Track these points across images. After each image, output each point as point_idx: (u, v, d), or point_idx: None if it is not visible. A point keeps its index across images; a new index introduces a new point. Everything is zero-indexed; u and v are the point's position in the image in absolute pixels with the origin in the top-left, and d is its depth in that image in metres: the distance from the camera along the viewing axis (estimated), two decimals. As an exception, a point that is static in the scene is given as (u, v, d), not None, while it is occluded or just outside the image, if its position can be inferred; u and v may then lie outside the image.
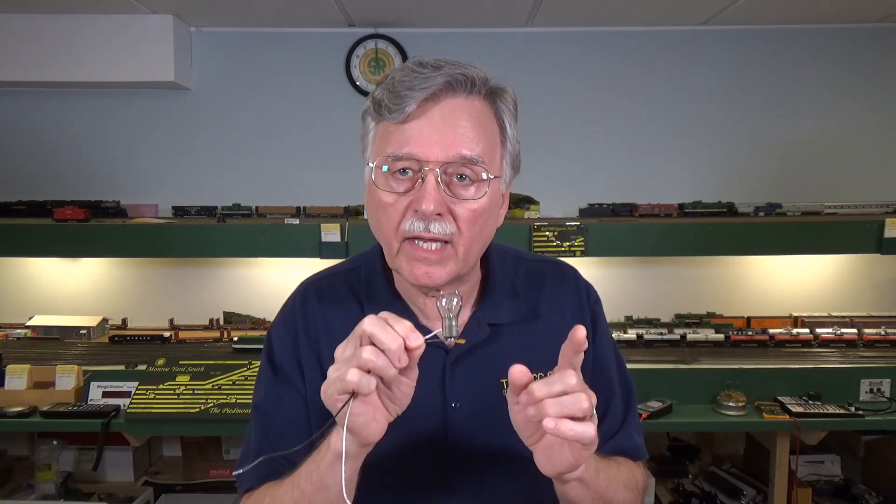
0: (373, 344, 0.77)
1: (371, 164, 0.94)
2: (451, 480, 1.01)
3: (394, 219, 0.92)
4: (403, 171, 0.91)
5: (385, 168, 0.92)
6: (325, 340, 1.04)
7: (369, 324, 0.77)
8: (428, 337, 0.80)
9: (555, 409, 0.76)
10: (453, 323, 0.85)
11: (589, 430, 0.77)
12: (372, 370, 0.76)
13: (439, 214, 0.90)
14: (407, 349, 0.77)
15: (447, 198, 0.91)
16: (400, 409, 0.82)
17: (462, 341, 0.90)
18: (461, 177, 0.91)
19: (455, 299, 0.85)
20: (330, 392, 0.79)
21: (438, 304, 0.86)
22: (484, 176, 0.92)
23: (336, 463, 0.84)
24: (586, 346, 0.80)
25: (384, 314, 0.79)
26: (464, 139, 0.90)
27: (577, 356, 0.80)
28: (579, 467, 0.83)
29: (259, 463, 1.02)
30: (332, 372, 0.80)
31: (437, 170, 0.89)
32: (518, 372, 0.79)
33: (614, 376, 1.11)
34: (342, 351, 0.80)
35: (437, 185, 0.89)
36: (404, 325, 0.78)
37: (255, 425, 1.06)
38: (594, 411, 0.79)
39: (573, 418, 0.76)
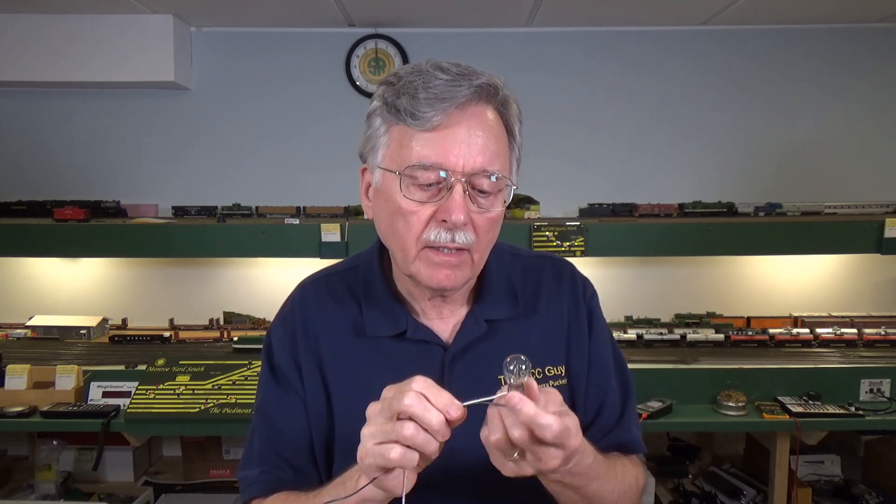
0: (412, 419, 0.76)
1: (391, 171, 0.93)
2: (453, 479, 1.01)
3: (416, 227, 0.92)
4: (428, 183, 0.91)
5: (418, 169, 0.90)
6: (324, 340, 1.04)
7: (410, 404, 0.76)
8: (469, 403, 0.79)
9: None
10: (520, 391, 0.80)
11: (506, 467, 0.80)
12: (413, 447, 0.76)
13: (465, 224, 0.91)
14: (448, 421, 0.77)
15: (471, 208, 0.91)
16: (430, 461, 0.81)
17: None
18: (481, 191, 0.92)
19: (524, 366, 0.79)
20: (369, 463, 0.78)
21: (506, 369, 0.79)
22: (504, 188, 0.94)
23: None
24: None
25: (421, 385, 0.77)
26: (486, 151, 0.91)
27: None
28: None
29: (265, 470, 1.03)
30: (368, 437, 0.78)
31: (463, 180, 0.90)
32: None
33: (611, 371, 1.11)
34: (376, 413, 0.79)
35: (465, 195, 0.90)
36: (443, 398, 0.77)
37: (257, 428, 1.07)
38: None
39: None
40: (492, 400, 0.80)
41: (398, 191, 0.92)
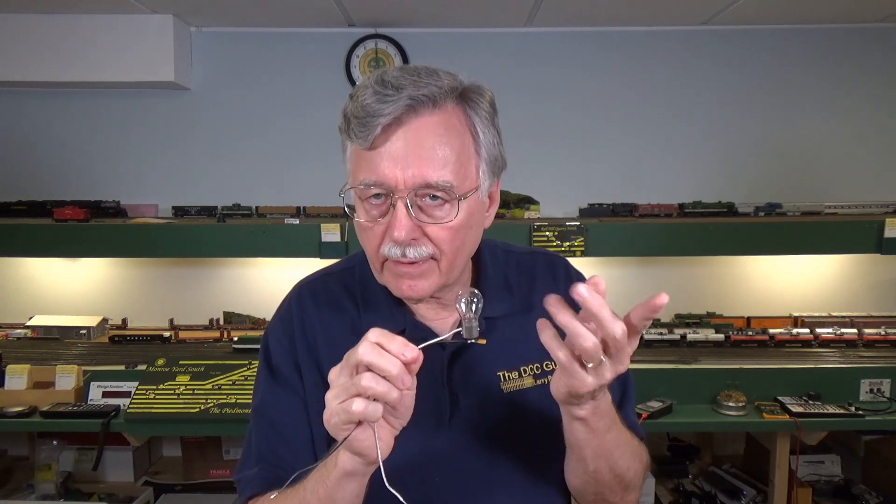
0: (370, 370, 0.76)
1: (342, 195, 0.95)
2: (457, 473, 1.01)
3: (373, 242, 0.94)
4: (377, 195, 0.91)
5: (362, 187, 0.92)
6: (322, 341, 1.05)
7: (364, 353, 0.76)
8: (424, 345, 0.80)
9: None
10: (473, 324, 0.84)
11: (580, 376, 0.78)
12: (374, 397, 0.76)
13: (414, 239, 0.90)
14: (406, 364, 0.77)
15: (421, 221, 0.90)
16: (404, 421, 0.82)
17: (483, 341, 0.85)
18: (433, 197, 0.90)
19: (474, 298, 0.83)
20: (334, 422, 0.79)
21: (458, 304, 0.84)
22: (465, 190, 0.91)
23: (344, 480, 0.84)
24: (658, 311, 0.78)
25: (375, 336, 0.78)
26: (430, 162, 0.88)
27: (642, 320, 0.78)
28: (582, 402, 0.83)
29: (263, 468, 1.03)
30: (332, 399, 0.79)
31: (407, 196, 0.89)
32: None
33: None
34: (337, 375, 0.80)
35: (408, 211, 0.89)
36: (397, 343, 0.77)
37: (255, 428, 1.06)
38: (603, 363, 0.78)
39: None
40: (445, 338, 0.86)
41: (356, 209, 0.95)
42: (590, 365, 0.77)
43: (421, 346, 0.79)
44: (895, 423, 2.24)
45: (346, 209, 0.97)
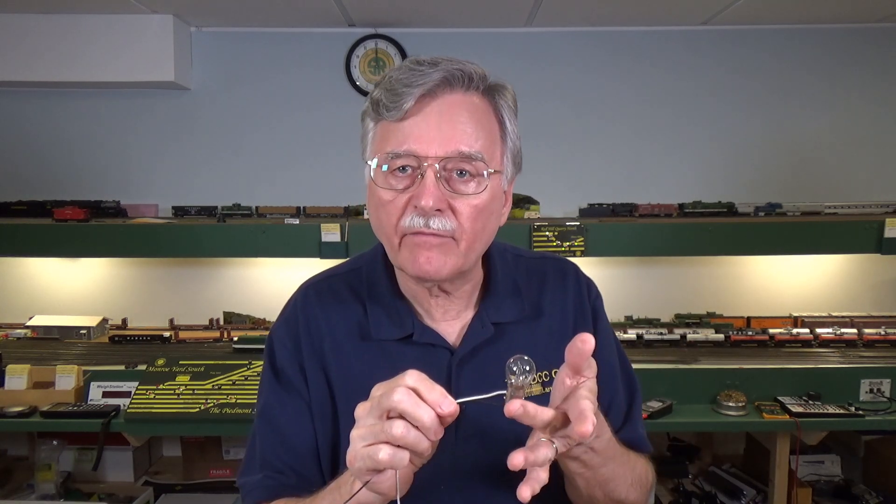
0: (402, 416, 0.73)
1: (370, 163, 0.94)
2: (462, 482, 1.00)
3: (393, 216, 0.92)
4: (403, 168, 0.91)
5: (385, 167, 0.91)
6: (328, 343, 1.03)
7: (399, 400, 0.72)
8: (462, 400, 0.76)
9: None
10: (519, 394, 0.78)
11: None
12: (403, 446, 0.73)
13: (439, 210, 0.89)
14: (440, 416, 0.74)
15: (447, 193, 0.90)
16: (425, 460, 0.79)
17: None
18: (461, 172, 0.91)
19: (528, 367, 0.76)
20: (358, 466, 0.76)
21: (507, 368, 0.77)
22: (484, 171, 0.91)
23: None
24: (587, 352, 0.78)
25: (413, 380, 0.74)
26: (462, 135, 0.90)
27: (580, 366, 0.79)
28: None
29: (268, 475, 1.01)
30: (357, 440, 0.75)
31: (437, 165, 0.89)
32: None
33: (617, 371, 1.11)
34: (365, 413, 0.76)
35: (437, 180, 0.89)
36: (436, 393, 0.74)
37: (259, 432, 1.05)
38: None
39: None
40: (486, 398, 0.79)
41: (378, 182, 0.93)
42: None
43: (460, 400, 0.75)
44: (895, 423, 2.24)
45: (371, 175, 0.94)
